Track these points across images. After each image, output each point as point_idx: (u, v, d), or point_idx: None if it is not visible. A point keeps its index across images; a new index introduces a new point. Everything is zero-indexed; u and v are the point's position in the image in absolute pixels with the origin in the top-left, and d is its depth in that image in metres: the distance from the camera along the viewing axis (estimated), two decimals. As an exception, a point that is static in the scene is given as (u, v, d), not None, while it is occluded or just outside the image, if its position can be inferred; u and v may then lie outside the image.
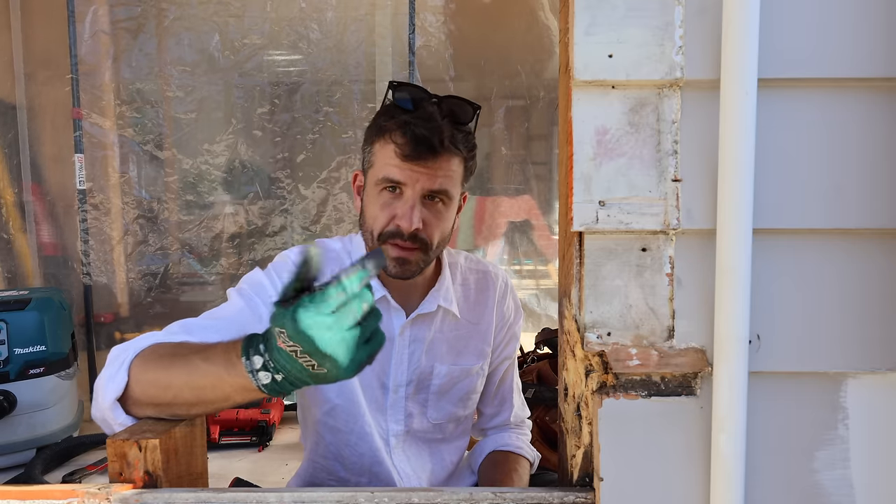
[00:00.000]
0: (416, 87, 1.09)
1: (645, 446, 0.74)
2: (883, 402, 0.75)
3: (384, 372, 1.16)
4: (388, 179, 1.05)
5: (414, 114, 1.04)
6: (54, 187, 2.92)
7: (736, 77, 0.67)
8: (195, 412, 0.83)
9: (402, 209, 1.05)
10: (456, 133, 1.06)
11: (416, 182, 1.04)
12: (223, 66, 2.90)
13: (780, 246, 0.73)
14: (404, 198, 1.05)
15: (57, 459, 2.14)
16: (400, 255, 1.06)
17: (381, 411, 1.17)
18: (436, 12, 2.94)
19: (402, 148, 1.03)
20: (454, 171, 1.08)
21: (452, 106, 1.07)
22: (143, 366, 0.84)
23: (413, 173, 1.04)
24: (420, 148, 1.02)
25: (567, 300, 0.79)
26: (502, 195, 3.12)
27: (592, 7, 0.71)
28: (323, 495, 0.75)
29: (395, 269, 1.07)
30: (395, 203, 1.06)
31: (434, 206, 1.07)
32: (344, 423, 1.15)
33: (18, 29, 2.81)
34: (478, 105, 1.10)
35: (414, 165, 1.04)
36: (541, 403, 1.94)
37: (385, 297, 1.13)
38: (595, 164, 0.73)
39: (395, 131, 1.04)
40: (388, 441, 1.18)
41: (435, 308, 1.16)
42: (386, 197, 1.06)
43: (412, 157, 1.03)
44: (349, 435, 1.15)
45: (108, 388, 0.84)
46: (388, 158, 1.05)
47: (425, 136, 1.02)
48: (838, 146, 0.72)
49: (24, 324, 2.13)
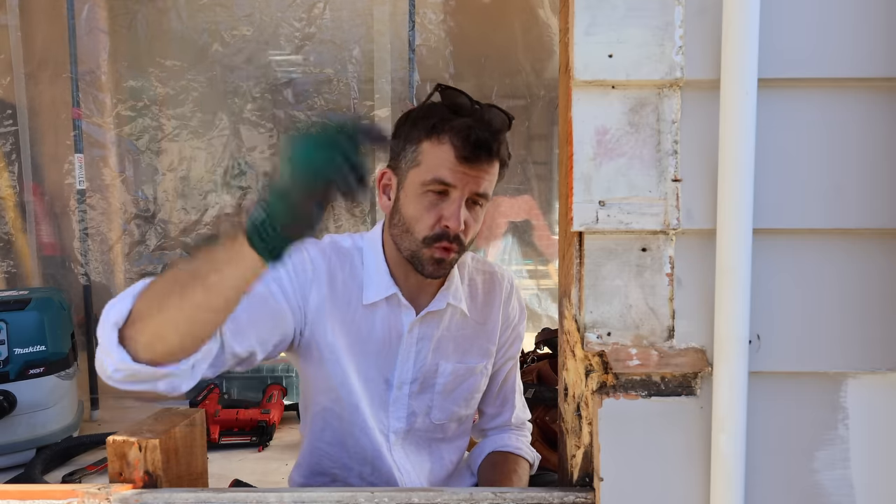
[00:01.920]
0: (462, 93, 1.11)
1: (645, 446, 0.74)
2: (883, 402, 0.75)
3: (389, 368, 1.17)
4: (439, 181, 1.05)
5: (473, 118, 1.06)
6: (54, 187, 2.92)
7: (736, 77, 0.67)
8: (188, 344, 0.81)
9: (449, 210, 1.06)
10: (503, 139, 1.09)
11: (465, 185, 1.05)
12: (217, 61, 2.88)
13: (780, 246, 0.73)
14: (451, 199, 1.06)
15: (57, 459, 2.14)
16: (442, 257, 1.07)
17: (383, 407, 1.18)
18: (436, 9, 2.92)
19: (462, 150, 1.03)
20: (495, 175, 1.11)
21: (495, 115, 1.10)
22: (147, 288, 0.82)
23: (465, 176, 1.05)
24: (479, 151, 1.04)
25: (567, 300, 0.79)
26: (502, 195, 3.12)
27: (592, 7, 0.71)
28: (323, 495, 0.75)
29: (433, 268, 1.08)
30: (441, 204, 1.07)
31: (474, 209, 1.10)
32: (349, 413, 1.15)
33: (17, 28, 2.81)
34: (512, 116, 1.13)
35: (468, 168, 1.05)
36: (541, 403, 1.94)
37: (396, 295, 1.14)
38: (595, 164, 0.73)
39: (455, 133, 1.04)
40: (389, 437, 1.18)
41: (444, 306, 1.17)
42: (431, 198, 1.07)
43: (470, 159, 1.04)
44: (352, 426, 1.16)
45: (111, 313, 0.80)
46: (442, 160, 1.05)
47: (486, 140, 1.04)
48: (838, 146, 0.72)
49: (24, 324, 2.13)
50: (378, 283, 1.14)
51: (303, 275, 1.10)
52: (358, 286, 1.15)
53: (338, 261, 1.15)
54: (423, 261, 1.08)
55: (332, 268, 1.14)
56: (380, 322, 1.15)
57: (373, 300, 1.13)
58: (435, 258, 1.07)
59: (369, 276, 1.15)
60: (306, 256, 1.12)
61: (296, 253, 1.10)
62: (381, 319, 1.15)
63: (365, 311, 1.14)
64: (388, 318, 1.15)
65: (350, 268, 1.16)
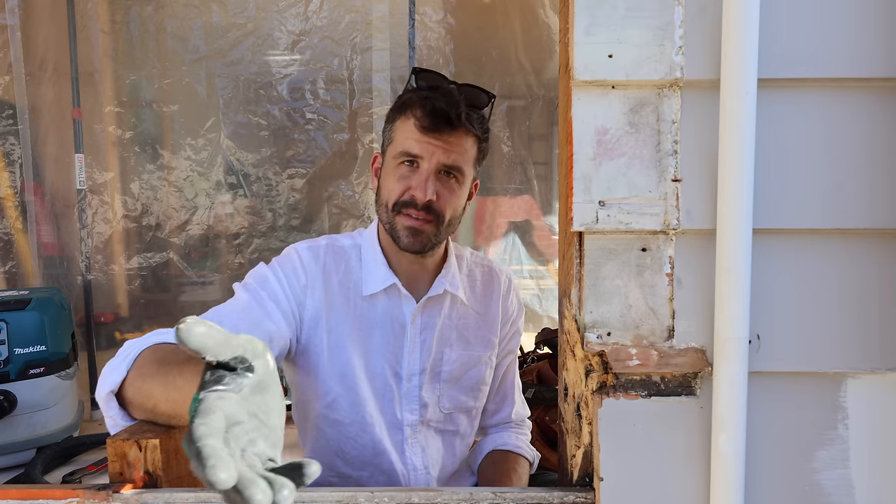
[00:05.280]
0: (437, 73, 1.15)
1: (645, 446, 0.74)
2: (883, 402, 0.75)
3: (397, 361, 1.17)
4: (406, 153, 1.10)
5: (434, 91, 1.11)
6: (54, 187, 2.92)
7: (736, 77, 0.67)
8: (174, 424, 0.83)
9: (417, 181, 1.10)
10: (472, 113, 1.11)
11: (433, 155, 1.09)
12: (213, 58, 2.87)
13: (780, 246, 0.73)
14: (420, 170, 1.10)
15: (57, 459, 2.14)
16: (413, 225, 1.10)
17: (394, 401, 1.18)
18: (436, 7, 2.92)
19: (421, 120, 1.08)
20: (468, 149, 1.13)
21: (469, 91, 1.14)
22: (137, 369, 0.85)
23: (430, 146, 1.09)
24: (438, 121, 1.07)
25: (567, 300, 0.79)
26: (502, 195, 3.12)
27: (592, 7, 0.71)
28: (323, 495, 0.75)
29: (408, 238, 1.11)
30: (411, 176, 1.11)
31: (448, 182, 1.12)
32: (346, 413, 1.15)
33: (17, 28, 2.81)
34: (493, 94, 1.17)
35: (431, 139, 1.08)
36: (541, 403, 1.94)
37: (395, 285, 1.16)
38: (595, 164, 0.73)
39: (416, 106, 1.09)
40: (403, 431, 1.19)
41: (442, 291, 1.19)
42: (403, 170, 1.11)
43: (430, 128, 1.08)
44: (350, 426, 1.16)
45: (108, 379, 0.85)
46: (408, 133, 1.10)
47: (443, 109, 1.07)
48: (838, 146, 0.72)
49: (25, 324, 2.13)
50: (377, 274, 1.16)
51: (296, 283, 1.12)
52: (355, 283, 1.16)
53: (333, 262, 1.16)
54: (398, 231, 1.11)
55: (326, 270, 1.15)
56: (381, 313, 1.16)
57: (372, 291, 1.15)
58: (406, 226, 1.10)
59: (368, 269, 1.16)
60: (298, 264, 1.13)
61: (288, 262, 1.14)
62: (383, 311, 1.16)
63: (365, 304, 1.15)
64: (390, 309, 1.17)
65: (346, 266, 1.17)
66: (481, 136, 1.15)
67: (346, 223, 2.97)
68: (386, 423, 1.17)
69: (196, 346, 0.49)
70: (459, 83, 1.14)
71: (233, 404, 0.50)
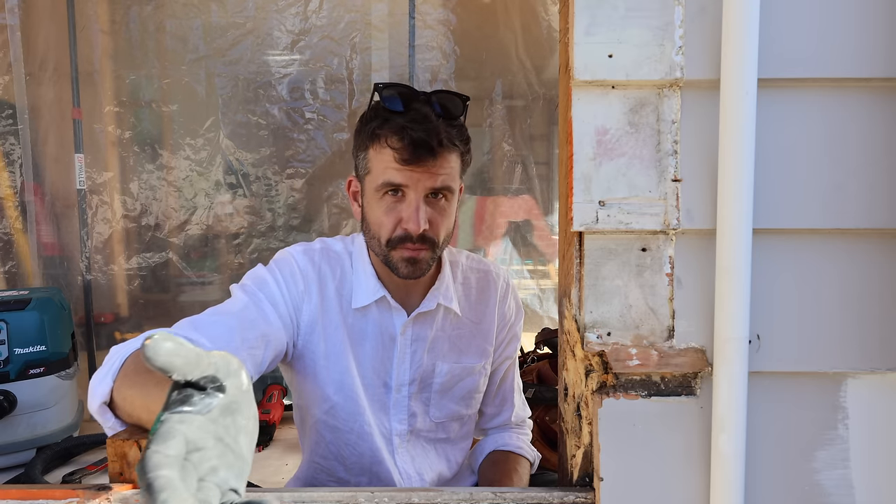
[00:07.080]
0: (403, 86, 1.08)
1: (645, 446, 0.74)
2: (883, 402, 0.75)
3: (386, 371, 1.16)
4: (390, 184, 1.04)
5: (407, 116, 1.03)
6: (54, 187, 2.92)
7: (736, 77, 0.67)
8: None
9: (407, 212, 1.04)
10: (451, 129, 1.05)
11: (418, 182, 1.03)
12: (212, 58, 2.87)
13: (780, 246, 0.73)
14: (408, 200, 1.05)
15: (57, 459, 2.14)
16: (410, 256, 1.06)
17: (384, 410, 1.17)
18: (435, 6, 2.91)
19: (401, 153, 1.02)
20: (453, 167, 1.07)
21: (443, 101, 1.06)
22: (123, 376, 0.83)
23: (414, 174, 1.03)
24: (420, 151, 1.01)
25: (567, 300, 0.79)
26: (502, 195, 3.11)
27: (592, 7, 0.71)
28: (323, 495, 0.75)
29: (407, 269, 1.07)
30: (398, 206, 1.06)
31: (437, 204, 1.07)
32: (344, 421, 1.15)
33: (17, 28, 2.81)
34: (466, 96, 1.09)
35: (414, 168, 1.03)
36: (541, 403, 1.94)
37: (385, 298, 1.13)
38: (595, 164, 0.73)
39: (392, 136, 1.03)
40: (392, 441, 1.18)
41: (434, 306, 1.17)
42: (389, 201, 1.06)
43: (411, 160, 1.02)
44: (349, 434, 1.15)
45: (96, 391, 0.84)
46: (387, 163, 1.04)
47: (423, 139, 1.01)
48: (838, 146, 0.72)
49: (24, 324, 2.13)
50: (367, 287, 1.14)
51: (294, 288, 1.10)
52: (349, 291, 1.14)
53: (328, 267, 1.14)
54: (395, 263, 1.08)
55: (322, 276, 1.13)
56: (372, 325, 1.15)
57: (363, 304, 1.13)
58: (405, 258, 1.06)
59: (358, 281, 1.14)
60: (296, 269, 1.12)
61: (286, 266, 1.12)
62: (373, 323, 1.15)
63: (357, 315, 1.14)
64: (380, 321, 1.15)
65: (341, 272, 1.15)
66: (463, 149, 1.10)
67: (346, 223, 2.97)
68: (380, 431, 1.17)
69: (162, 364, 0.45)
70: (430, 91, 1.07)
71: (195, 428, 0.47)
